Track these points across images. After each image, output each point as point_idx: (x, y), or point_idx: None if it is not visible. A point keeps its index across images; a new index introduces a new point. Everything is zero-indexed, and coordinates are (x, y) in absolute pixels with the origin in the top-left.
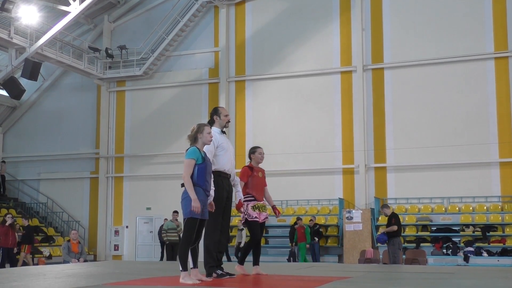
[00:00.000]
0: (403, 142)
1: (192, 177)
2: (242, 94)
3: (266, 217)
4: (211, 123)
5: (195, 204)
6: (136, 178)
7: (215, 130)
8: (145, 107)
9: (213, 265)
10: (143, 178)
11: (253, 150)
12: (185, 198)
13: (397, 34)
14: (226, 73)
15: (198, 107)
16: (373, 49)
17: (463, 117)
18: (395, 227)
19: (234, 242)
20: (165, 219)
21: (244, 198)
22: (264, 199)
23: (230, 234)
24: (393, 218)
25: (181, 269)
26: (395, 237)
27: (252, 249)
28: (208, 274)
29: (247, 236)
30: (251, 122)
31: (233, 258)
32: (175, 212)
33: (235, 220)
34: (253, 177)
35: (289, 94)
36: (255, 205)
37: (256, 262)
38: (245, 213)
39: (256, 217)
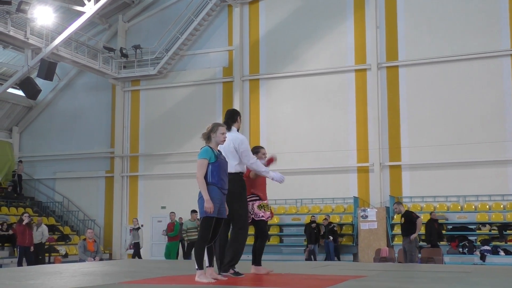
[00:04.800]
0: (418, 140)
1: (206, 176)
2: (256, 92)
3: (270, 216)
4: (230, 123)
5: (208, 205)
6: (151, 177)
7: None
8: (159, 106)
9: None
10: (157, 177)
11: (257, 150)
12: (201, 197)
13: (412, 31)
14: (240, 72)
15: (212, 106)
16: (388, 47)
17: (478, 114)
18: (416, 226)
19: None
20: (180, 218)
21: (249, 198)
22: (267, 198)
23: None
24: (404, 217)
25: (197, 267)
26: (413, 234)
27: (257, 247)
28: (224, 271)
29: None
30: (265, 120)
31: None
32: (194, 211)
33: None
34: (258, 176)
35: (303, 93)
36: (260, 204)
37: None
38: (251, 212)
39: (262, 216)
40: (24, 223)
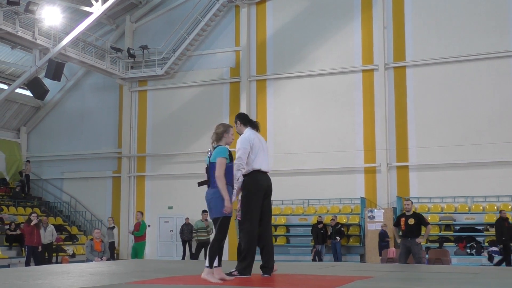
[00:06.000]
0: (426, 140)
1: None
2: (263, 93)
3: None
4: (247, 124)
5: (228, 205)
6: (158, 177)
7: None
8: (166, 106)
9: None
10: (164, 177)
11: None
12: (218, 197)
13: (419, 31)
14: (247, 72)
15: (219, 106)
16: (395, 47)
17: (486, 115)
18: (426, 232)
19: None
20: (187, 218)
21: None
22: None
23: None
24: (414, 219)
25: (207, 265)
26: (419, 238)
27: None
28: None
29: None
30: (272, 121)
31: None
32: (205, 211)
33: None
34: None
35: (310, 93)
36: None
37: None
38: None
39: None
40: (32, 223)
